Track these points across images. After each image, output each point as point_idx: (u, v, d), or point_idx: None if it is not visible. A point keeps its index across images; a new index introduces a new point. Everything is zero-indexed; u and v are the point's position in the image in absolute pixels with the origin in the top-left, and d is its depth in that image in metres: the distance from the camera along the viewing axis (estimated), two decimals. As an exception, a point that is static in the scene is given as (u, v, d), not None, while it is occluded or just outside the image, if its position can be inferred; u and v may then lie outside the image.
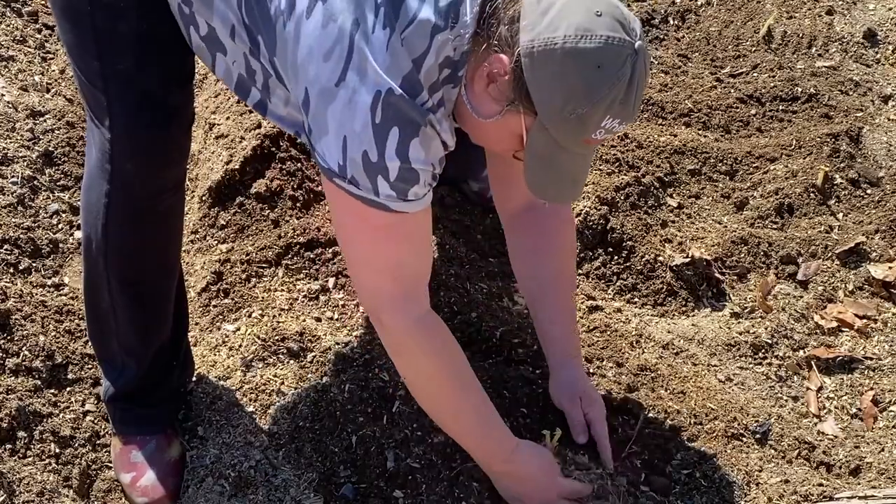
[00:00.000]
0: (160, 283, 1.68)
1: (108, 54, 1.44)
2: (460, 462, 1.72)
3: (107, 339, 1.70)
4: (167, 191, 1.59)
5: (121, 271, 1.62)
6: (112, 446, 1.76)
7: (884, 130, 2.61)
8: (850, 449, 1.90)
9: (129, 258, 1.62)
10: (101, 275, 1.62)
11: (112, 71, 1.45)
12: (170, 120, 1.52)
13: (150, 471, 1.70)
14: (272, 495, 1.68)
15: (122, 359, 1.70)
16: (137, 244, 1.61)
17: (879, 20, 2.92)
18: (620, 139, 2.48)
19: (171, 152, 1.56)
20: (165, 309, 1.71)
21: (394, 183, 1.32)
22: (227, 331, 1.93)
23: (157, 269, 1.67)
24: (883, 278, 2.23)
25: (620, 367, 1.97)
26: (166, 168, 1.57)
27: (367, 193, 1.33)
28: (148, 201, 1.56)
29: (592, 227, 2.26)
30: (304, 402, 1.80)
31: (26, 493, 1.60)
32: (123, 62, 1.44)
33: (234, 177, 2.17)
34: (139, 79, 1.46)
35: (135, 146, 1.50)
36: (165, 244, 1.67)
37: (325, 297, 2.02)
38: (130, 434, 1.74)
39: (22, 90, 2.28)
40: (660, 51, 2.90)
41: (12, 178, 2.07)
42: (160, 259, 1.67)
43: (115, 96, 1.47)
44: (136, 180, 1.53)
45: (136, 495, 1.69)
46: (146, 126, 1.49)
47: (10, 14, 2.46)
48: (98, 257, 1.60)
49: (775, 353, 2.09)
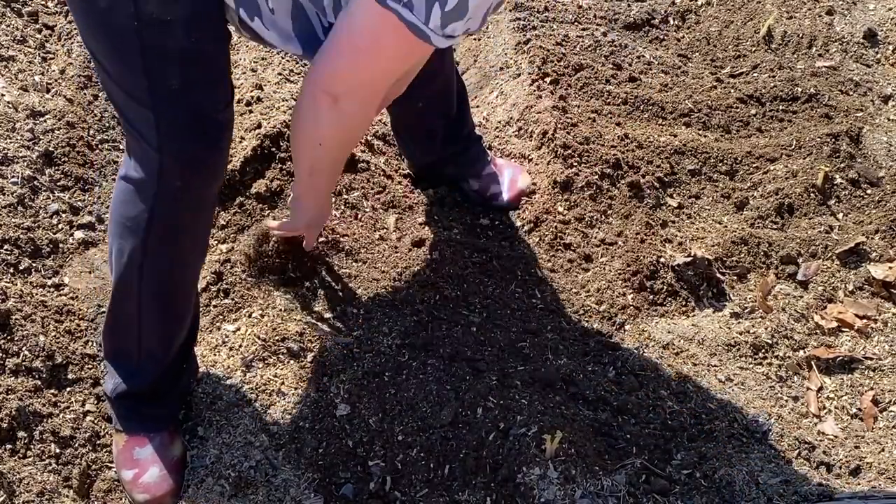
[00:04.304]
0: (188, 294, 1.71)
1: (156, 72, 1.41)
2: (460, 461, 1.72)
3: (126, 342, 1.71)
4: (209, 206, 1.62)
5: (155, 284, 1.63)
6: (114, 443, 1.77)
7: (884, 130, 2.61)
8: (850, 449, 1.90)
9: (165, 271, 1.63)
10: (132, 285, 1.63)
11: (162, 88, 1.43)
12: (220, 136, 1.53)
13: (154, 467, 1.71)
14: (272, 495, 1.68)
15: (141, 361, 1.72)
16: (175, 258, 1.62)
17: (879, 20, 2.92)
18: (620, 139, 2.48)
19: (218, 169, 1.57)
20: (188, 316, 1.73)
21: (445, 13, 1.33)
22: (227, 331, 1.93)
23: (188, 282, 1.70)
24: (883, 278, 2.23)
25: (620, 367, 1.97)
26: (213, 183, 1.58)
27: (416, 20, 1.34)
28: (191, 216, 1.58)
29: (593, 227, 2.27)
30: (304, 402, 1.80)
31: (26, 493, 1.60)
32: (173, 80, 1.42)
33: (234, 177, 2.17)
34: (189, 97, 1.45)
35: (185, 163, 1.50)
36: (198, 257, 1.69)
37: (325, 297, 2.02)
38: (135, 431, 1.75)
39: (22, 90, 2.28)
40: (660, 51, 2.90)
41: (12, 178, 2.07)
42: (192, 272, 1.70)
43: (164, 114, 1.45)
44: (183, 196, 1.54)
45: (139, 492, 1.70)
46: (198, 144, 1.49)
47: (10, 14, 2.46)
48: (132, 269, 1.60)
49: (775, 353, 2.09)
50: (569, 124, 2.48)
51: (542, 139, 2.47)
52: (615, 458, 1.77)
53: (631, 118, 2.63)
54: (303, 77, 2.55)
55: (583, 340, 2.04)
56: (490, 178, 2.32)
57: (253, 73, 2.48)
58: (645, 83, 2.75)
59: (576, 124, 2.50)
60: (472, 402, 1.81)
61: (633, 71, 2.79)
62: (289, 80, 2.50)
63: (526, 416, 1.77)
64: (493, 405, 1.80)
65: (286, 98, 2.38)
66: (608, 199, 2.35)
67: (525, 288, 2.14)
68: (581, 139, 2.44)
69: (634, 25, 2.99)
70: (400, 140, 2.35)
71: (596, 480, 1.69)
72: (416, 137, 2.29)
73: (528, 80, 2.66)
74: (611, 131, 2.51)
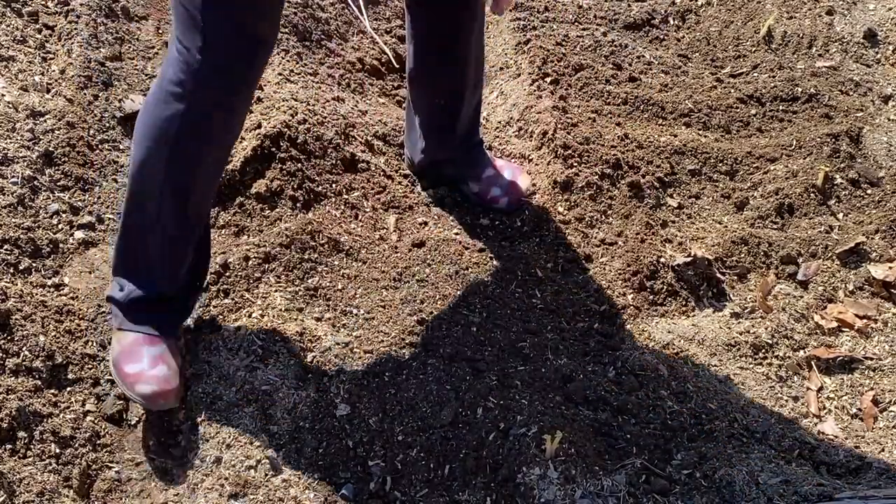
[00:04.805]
0: (205, 197, 1.81)
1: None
2: (460, 461, 1.72)
3: (144, 249, 1.80)
4: (240, 112, 1.74)
5: (177, 181, 1.73)
6: (117, 341, 1.82)
7: (884, 130, 2.61)
8: (850, 449, 1.89)
9: (189, 168, 1.74)
10: (155, 185, 1.73)
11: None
12: (256, 50, 1.66)
13: (163, 365, 1.76)
14: (272, 495, 1.68)
15: (155, 269, 1.81)
16: (203, 155, 1.74)
17: (879, 20, 2.92)
18: (620, 139, 2.48)
19: (252, 79, 1.70)
20: (202, 223, 1.83)
21: None
22: (227, 331, 1.93)
23: (207, 184, 1.79)
24: (883, 278, 2.23)
25: (620, 367, 1.97)
26: (246, 91, 1.71)
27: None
28: (222, 120, 1.71)
29: (593, 227, 2.27)
30: (304, 402, 1.80)
31: (26, 493, 1.60)
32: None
33: (234, 177, 2.17)
34: (235, 9, 1.60)
35: (223, 70, 1.65)
36: (221, 160, 1.79)
37: (325, 297, 2.02)
38: (145, 332, 1.80)
39: (22, 90, 2.28)
40: (660, 51, 2.90)
41: (12, 178, 2.07)
42: (213, 174, 1.80)
43: (210, 23, 1.59)
44: (217, 99, 1.68)
45: (143, 383, 1.74)
46: (237, 54, 1.64)
47: (10, 14, 2.46)
48: (158, 167, 1.71)
49: (775, 354, 2.09)
50: (569, 124, 2.48)
51: (542, 139, 2.47)
52: (615, 458, 1.77)
53: (631, 118, 2.63)
54: (303, 77, 2.55)
55: (583, 340, 2.04)
56: (490, 181, 2.32)
57: (253, 73, 2.48)
58: (645, 83, 2.75)
59: (576, 124, 2.50)
60: (472, 402, 1.81)
61: (633, 71, 2.79)
62: (289, 80, 2.50)
63: (526, 416, 1.77)
64: (493, 405, 1.80)
65: (286, 98, 2.38)
66: (608, 199, 2.35)
67: (525, 288, 2.14)
68: (581, 139, 2.44)
69: (634, 25, 2.99)
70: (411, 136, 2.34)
71: (596, 480, 1.69)
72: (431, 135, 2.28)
73: (528, 80, 2.66)
74: (611, 131, 2.51)
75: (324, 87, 2.57)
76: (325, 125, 2.35)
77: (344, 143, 2.35)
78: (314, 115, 2.35)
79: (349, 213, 2.22)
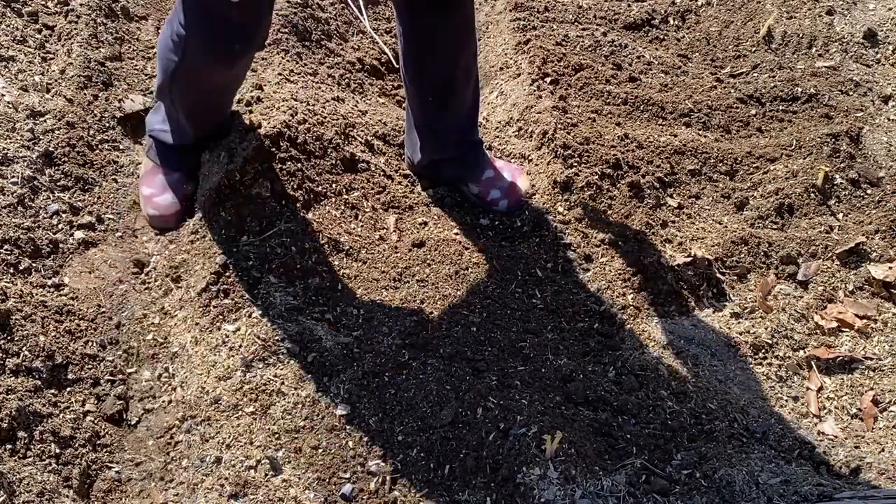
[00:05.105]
0: (211, 109, 2.14)
1: None
2: (460, 461, 1.72)
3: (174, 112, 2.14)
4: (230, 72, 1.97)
5: (182, 99, 2.07)
6: (143, 164, 2.26)
7: (884, 130, 2.61)
8: (850, 449, 1.90)
9: (189, 92, 2.06)
10: (165, 86, 2.07)
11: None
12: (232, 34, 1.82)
13: (168, 194, 2.17)
14: (272, 495, 1.68)
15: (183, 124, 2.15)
16: (200, 88, 2.03)
17: (879, 20, 2.92)
18: (620, 139, 2.48)
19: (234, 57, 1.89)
20: (218, 120, 2.17)
21: None
22: (227, 331, 1.93)
23: (210, 106, 2.12)
24: (883, 278, 2.23)
25: (620, 367, 1.97)
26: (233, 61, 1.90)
27: None
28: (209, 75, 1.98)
29: (593, 227, 2.27)
30: (304, 402, 1.80)
31: (26, 494, 1.60)
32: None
33: (234, 177, 2.17)
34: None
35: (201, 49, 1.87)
36: (221, 91, 2.08)
37: (325, 297, 2.02)
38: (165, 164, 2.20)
39: (22, 90, 2.28)
40: (660, 51, 2.90)
41: (12, 178, 2.07)
42: (216, 100, 2.11)
43: (187, 5, 1.80)
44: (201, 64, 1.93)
45: (151, 207, 2.18)
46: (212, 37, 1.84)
47: (10, 14, 2.46)
48: (166, 80, 2.03)
49: (775, 354, 2.09)
50: (569, 124, 2.48)
51: (542, 139, 2.47)
52: (615, 458, 1.77)
53: (631, 118, 2.63)
54: (303, 77, 2.55)
55: (583, 340, 2.04)
56: (489, 182, 2.31)
57: (253, 72, 2.48)
58: (645, 83, 2.75)
59: (576, 124, 2.50)
60: (472, 402, 1.81)
61: (633, 71, 2.79)
62: (289, 80, 2.50)
63: (526, 417, 1.77)
64: (493, 405, 1.80)
65: (286, 98, 2.38)
66: (608, 199, 2.35)
67: (525, 288, 2.14)
68: (581, 139, 2.44)
69: (634, 25, 2.99)
70: (410, 136, 2.34)
71: (596, 480, 1.69)
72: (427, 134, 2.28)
73: (528, 80, 2.66)
74: (611, 131, 2.51)
75: (324, 87, 2.57)
76: (324, 125, 2.35)
77: (344, 143, 2.35)
78: (314, 115, 2.35)
79: (349, 213, 2.22)
